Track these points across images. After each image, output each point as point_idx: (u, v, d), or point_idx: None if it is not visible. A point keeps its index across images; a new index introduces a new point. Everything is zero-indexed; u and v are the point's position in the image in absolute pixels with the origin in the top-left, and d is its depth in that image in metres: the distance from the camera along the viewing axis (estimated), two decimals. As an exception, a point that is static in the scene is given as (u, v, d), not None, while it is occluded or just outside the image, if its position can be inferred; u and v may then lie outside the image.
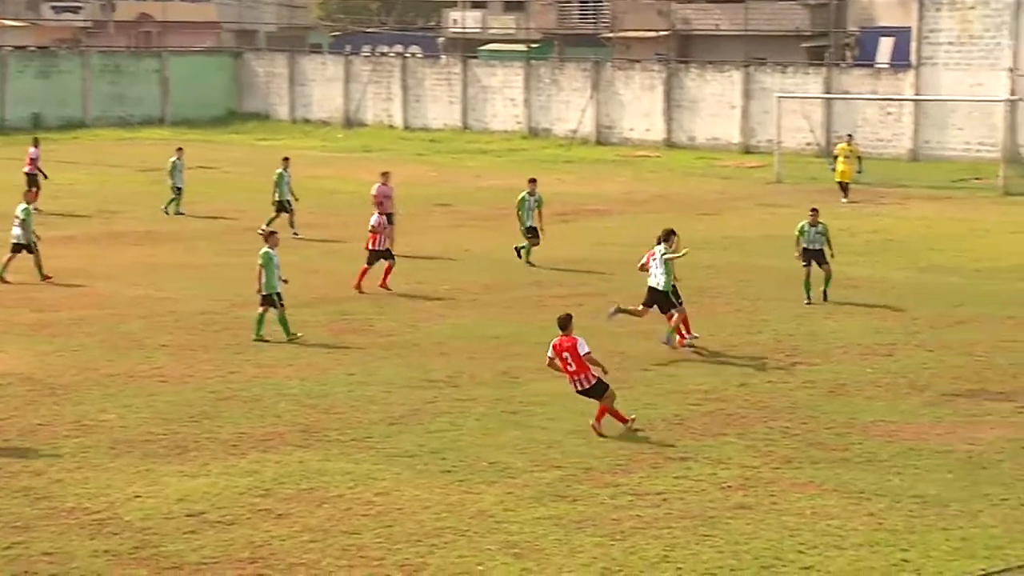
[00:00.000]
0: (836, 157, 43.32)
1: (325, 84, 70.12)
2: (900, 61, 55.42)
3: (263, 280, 23.63)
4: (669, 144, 59.20)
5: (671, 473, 16.52)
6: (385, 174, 31.55)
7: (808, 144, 54.78)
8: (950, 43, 52.86)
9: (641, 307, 23.18)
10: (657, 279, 22.79)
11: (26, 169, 40.41)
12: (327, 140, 63.84)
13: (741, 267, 30.64)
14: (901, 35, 56.21)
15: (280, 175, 36.06)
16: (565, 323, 18.52)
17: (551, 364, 18.61)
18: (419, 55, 71.18)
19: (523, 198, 30.71)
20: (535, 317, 25.62)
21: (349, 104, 68.90)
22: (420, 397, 20.06)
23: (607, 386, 18.31)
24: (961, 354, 22.44)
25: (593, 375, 18.33)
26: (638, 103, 60.61)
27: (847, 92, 55.29)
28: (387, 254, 28.21)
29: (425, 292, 28.10)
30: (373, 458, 17.21)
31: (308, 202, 42.41)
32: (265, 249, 23.74)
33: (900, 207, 40.94)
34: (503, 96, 64.57)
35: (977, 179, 47.13)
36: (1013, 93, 50.21)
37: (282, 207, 35.83)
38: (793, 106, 54.13)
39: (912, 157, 52.87)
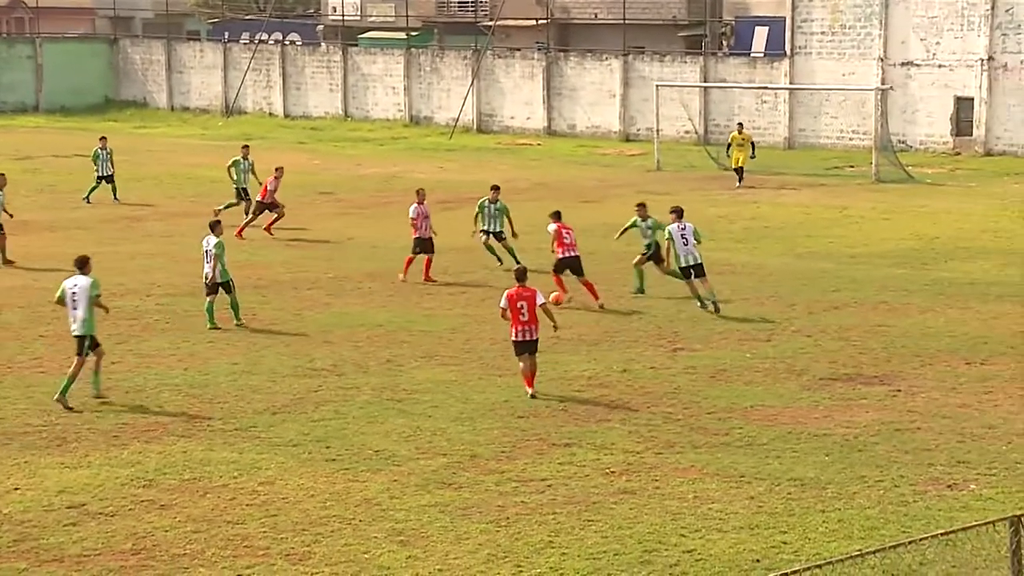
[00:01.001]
0: (730, 145, 43.94)
1: (203, 72, 69.34)
2: (775, 50, 56.09)
3: (218, 269, 23.50)
4: (550, 132, 59.40)
5: (555, 459, 16.60)
6: (278, 168, 33.65)
7: (687, 132, 55.26)
8: (823, 33, 53.63)
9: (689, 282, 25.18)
10: (692, 255, 24.96)
11: None
12: (207, 128, 63.14)
13: (622, 254, 30.80)
14: (775, 25, 56.90)
15: (236, 162, 35.72)
16: (522, 274, 19.77)
17: (504, 315, 19.51)
18: (299, 43, 70.63)
19: (482, 205, 29.49)
20: (419, 305, 25.59)
21: (228, 92, 68.22)
22: (304, 386, 19.95)
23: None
24: (837, 339, 22.79)
25: (538, 330, 19.40)
26: (518, 91, 60.73)
27: (724, 81, 55.87)
28: (427, 246, 27.78)
29: (309, 280, 27.92)
30: (257, 447, 17.09)
31: (188, 191, 41.97)
32: (218, 239, 23.65)
33: (776, 194, 41.47)
34: (384, 84, 64.32)
35: (851, 167, 47.88)
36: (884, 82, 51.05)
37: (240, 194, 35.50)
38: (671, 94, 54.57)
39: (787, 145, 53.57)
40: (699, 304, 25.13)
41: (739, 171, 43.14)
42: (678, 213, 25.53)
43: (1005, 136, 50.46)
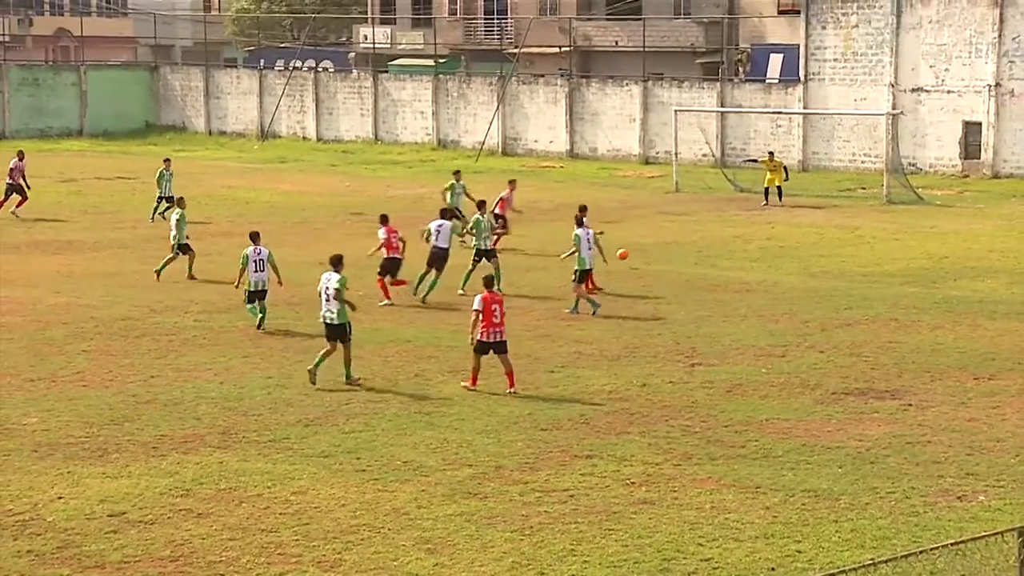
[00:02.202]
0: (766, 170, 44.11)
1: (240, 97, 69.59)
2: (789, 76, 56.03)
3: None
4: (572, 155, 59.41)
5: (577, 471, 16.57)
6: (512, 181, 35.08)
7: (704, 155, 55.22)
8: (835, 60, 53.55)
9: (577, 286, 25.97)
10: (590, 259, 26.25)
11: (8, 180, 40.56)
12: (243, 151, 63.33)
13: (642, 272, 30.82)
14: (789, 52, 56.87)
15: (161, 173, 37.76)
16: (491, 282, 20.91)
17: (476, 317, 20.22)
18: (331, 69, 70.84)
19: (477, 220, 29.03)
20: (446, 321, 25.60)
21: (264, 116, 68.44)
22: (335, 399, 19.96)
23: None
24: (849, 355, 22.71)
25: (504, 333, 20.41)
26: (542, 116, 60.77)
27: (740, 106, 55.83)
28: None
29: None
30: (290, 458, 17.09)
31: (225, 211, 42.10)
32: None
33: (791, 215, 41.39)
34: (413, 109, 64.45)
35: (863, 189, 47.76)
36: (894, 107, 50.96)
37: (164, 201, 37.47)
38: (689, 119, 54.55)
39: (801, 167, 53.44)
40: (574, 309, 25.86)
41: (768, 191, 43.52)
42: (579, 219, 26.66)
43: (1012, 159, 50.30)
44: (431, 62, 67.17)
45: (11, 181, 40.37)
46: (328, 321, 21.01)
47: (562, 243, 32.20)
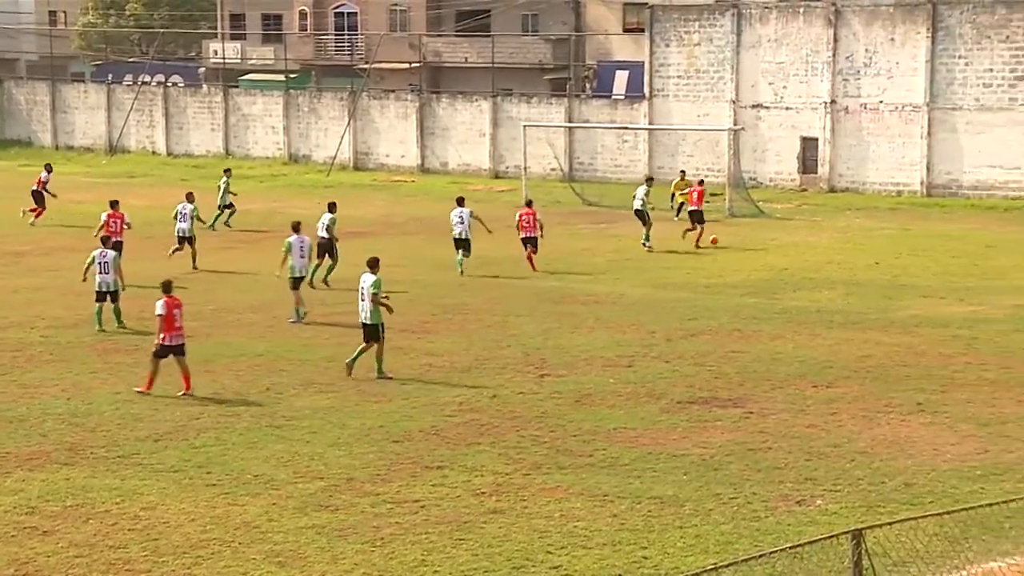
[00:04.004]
0: (674, 194, 43.54)
1: (88, 112, 68.31)
2: (635, 93, 56.74)
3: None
4: (423, 169, 59.39)
5: (428, 481, 16.53)
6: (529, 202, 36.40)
7: (553, 169, 55.61)
8: (679, 76, 54.34)
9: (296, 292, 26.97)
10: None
11: (33, 187, 43.41)
12: (91, 166, 62.14)
13: (492, 285, 30.91)
14: (635, 69, 57.58)
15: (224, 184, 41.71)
16: (169, 287, 21.36)
17: (160, 321, 20.73)
18: (181, 84, 69.86)
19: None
20: (297, 335, 25.38)
21: (112, 131, 67.26)
22: (186, 414, 19.67)
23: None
24: (694, 364, 23.00)
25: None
26: (393, 131, 60.66)
27: (587, 121, 56.33)
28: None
29: (191, 312, 27.55)
30: (139, 474, 16.79)
31: (71, 226, 41.22)
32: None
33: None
34: (264, 124, 63.88)
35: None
36: (735, 123, 51.86)
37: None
38: (538, 134, 54.89)
39: (647, 182, 54.01)
40: (297, 317, 26.54)
41: (679, 209, 42.93)
42: (296, 227, 27.69)
43: (847, 173, 51.54)
44: (282, 77, 66.68)
45: (35, 188, 43.28)
46: (363, 320, 22.00)
47: (413, 257, 32.16)
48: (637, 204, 37.92)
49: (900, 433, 18.72)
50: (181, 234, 33.88)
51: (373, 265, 22.27)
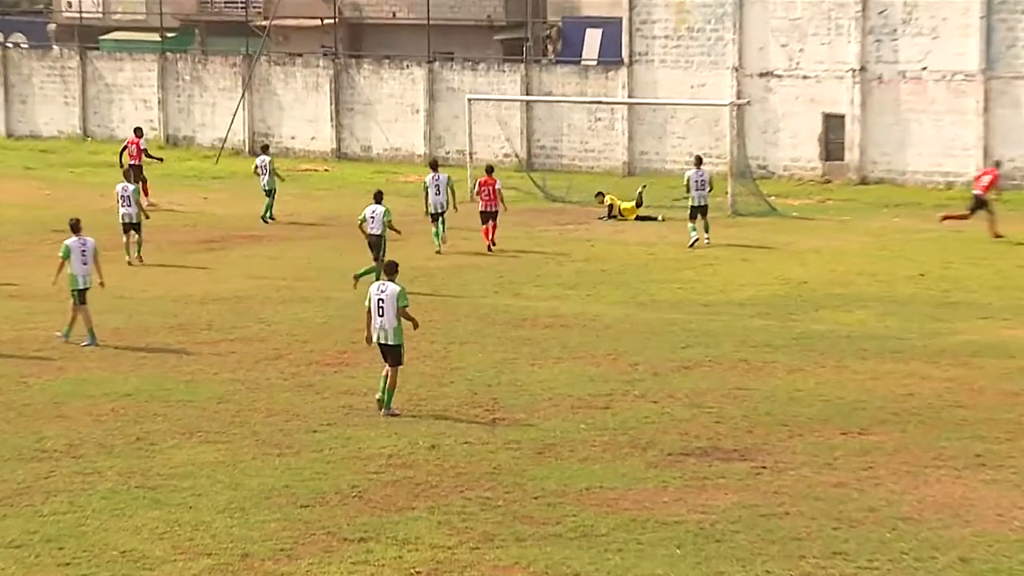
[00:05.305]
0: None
1: (-98, 79, 67.89)
2: (610, 57, 56.81)
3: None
4: (340, 155, 59.31)
5: (347, 558, 16.45)
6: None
7: (507, 155, 55.63)
8: (667, 37, 54.45)
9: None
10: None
11: (133, 162, 46.35)
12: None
13: (429, 304, 30.80)
14: (610, 27, 57.60)
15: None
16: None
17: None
18: (24, 45, 69.57)
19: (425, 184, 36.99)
20: (177, 369, 25.23)
21: (-64, 105, 66.88)
22: (32, 472, 19.54)
23: None
24: (689, 406, 23.00)
25: None
26: (301, 106, 60.56)
27: (549, 93, 56.34)
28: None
29: (38, 340, 27.34)
30: (-30, 551, 16.62)
31: None
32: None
33: (616, 230, 41.89)
34: (133, 96, 63.64)
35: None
36: (739, 96, 51.91)
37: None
38: (487, 110, 54.91)
39: (627, 171, 54.12)
40: (65, 335, 27.17)
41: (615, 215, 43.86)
42: (74, 227, 28.35)
43: (882, 160, 51.68)
44: (156, 37, 66.49)
45: (133, 162, 46.19)
46: (382, 341, 22.48)
47: (327, 269, 32.09)
48: (699, 198, 38.68)
49: (954, 493, 18.77)
50: (126, 220, 36.28)
51: (392, 271, 22.62)
